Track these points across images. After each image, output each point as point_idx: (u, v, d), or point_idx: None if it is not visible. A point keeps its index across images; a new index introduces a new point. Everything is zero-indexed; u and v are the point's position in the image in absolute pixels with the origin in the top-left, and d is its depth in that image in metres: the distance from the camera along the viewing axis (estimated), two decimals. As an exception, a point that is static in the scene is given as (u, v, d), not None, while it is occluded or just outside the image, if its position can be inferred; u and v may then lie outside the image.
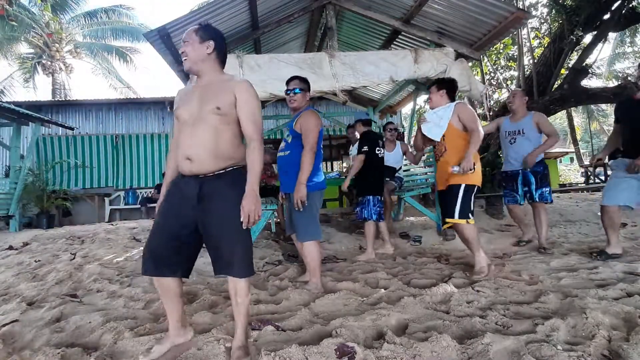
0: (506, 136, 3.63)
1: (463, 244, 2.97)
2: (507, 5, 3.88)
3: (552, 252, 3.42)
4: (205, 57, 1.68)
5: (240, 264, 1.61)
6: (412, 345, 1.52)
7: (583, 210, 5.40)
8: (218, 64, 1.73)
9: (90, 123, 10.05)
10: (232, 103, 1.64)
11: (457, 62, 4.18)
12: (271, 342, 1.70)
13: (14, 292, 2.88)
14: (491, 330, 1.66)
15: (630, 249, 3.37)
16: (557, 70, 7.22)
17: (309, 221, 2.71)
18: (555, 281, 2.45)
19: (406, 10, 4.21)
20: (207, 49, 1.68)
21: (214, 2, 3.55)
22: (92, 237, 5.32)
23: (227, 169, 1.66)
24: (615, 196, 2.95)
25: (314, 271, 2.71)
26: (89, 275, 3.21)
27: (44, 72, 15.44)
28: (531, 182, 3.50)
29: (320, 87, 3.91)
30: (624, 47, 15.76)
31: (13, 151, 6.94)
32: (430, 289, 2.33)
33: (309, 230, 2.71)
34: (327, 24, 4.45)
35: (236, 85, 1.66)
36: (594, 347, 1.47)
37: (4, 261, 4.03)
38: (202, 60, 1.68)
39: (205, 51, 1.68)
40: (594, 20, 6.82)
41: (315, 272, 2.70)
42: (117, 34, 15.94)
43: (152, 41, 3.46)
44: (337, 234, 4.80)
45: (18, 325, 2.04)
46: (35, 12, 14.59)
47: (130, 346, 1.69)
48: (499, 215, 5.34)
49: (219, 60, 1.73)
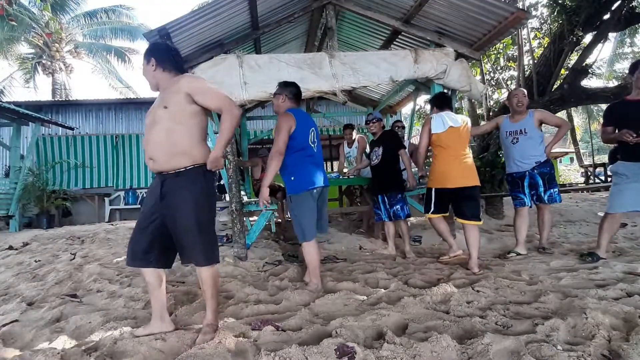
0: (507, 136, 3.57)
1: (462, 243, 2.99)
2: (507, 5, 3.88)
3: (552, 252, 3.42)
4: (153, 72, 1.95)
5: (200, 254, 1.83)
6: (412, 345, 1.52)
7: (583, 210, 5.40)
8: (167, 72, 1.95)
9: (90, 123, 10.06)
10: (181, 101, 1.82)
11: (457, 62, 4.18)
12: (271, 342, 1.70)
13: (14, 292, 2.88)
14: (491, 330, 1.66)
15: (630, 249, 3.37)
16: (557, 71, 7.22)
17: (297, 223, 2.74)
18: (555, 281, 2.45)
19: (406, 10, 4.21)
20: (152, 66, 1.94)
21: (214, 2, 3.55)
22: (92, 237, 5.33)
23: (187, 167, 1.83)
24: (623, 204, 2.90)
25: (313, 272, 2.72)
26: (89, 275, 3.21)
27: (44, 72, 15.45)
28: (539, 184, 3.41)
29: (320, 87, 3.91)
30: (624, 47, 15.76)
31: (13, 151, 6.95)
32: (430, 289, 2.33)
33: (299, 232, 2.74)
34: (327, 24, 4.44)
35: (181, 83, 1.85)
36: (594, 347, 1.47)
37: (4, 261, 4.03)
38: (153, 76, 1.95)
39: (151, 69, 1.94)
40: (594, 20, 6.82)
41: (314, 272, 2.71)
42: (116, 33, 15.95)
43: (152, 41, 3.46)
44: (337, 234, 4.80)
45: (18, 325, 2.04)
46: (35, 12, 14.60)
47: (131, 346, 1.69)
48: (499, 215, 5.34)
49: (167, 68, 1.95)
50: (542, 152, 3.43)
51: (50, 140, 9.48)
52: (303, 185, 2.69)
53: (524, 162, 3.46)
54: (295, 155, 2.70)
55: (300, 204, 2.71)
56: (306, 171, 2.71)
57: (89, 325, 2.03)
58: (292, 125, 2.65)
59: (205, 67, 3.81)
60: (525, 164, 3.45)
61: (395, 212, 3.81)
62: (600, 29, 6.96)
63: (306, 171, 2.71)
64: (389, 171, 3.85)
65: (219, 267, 3.48)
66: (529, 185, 3.46)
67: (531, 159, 3.43)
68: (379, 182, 3.95)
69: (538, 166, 3.41)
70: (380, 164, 3.88)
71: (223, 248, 4.13)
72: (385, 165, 3.85)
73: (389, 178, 3.86)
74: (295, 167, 2.71)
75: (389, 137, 3.95)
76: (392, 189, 3.83)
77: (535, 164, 3.42)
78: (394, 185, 3.83)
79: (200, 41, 3.84)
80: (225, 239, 4.57)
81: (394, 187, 3.82)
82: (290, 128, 2.64)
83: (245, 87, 3.72)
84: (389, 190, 3.84)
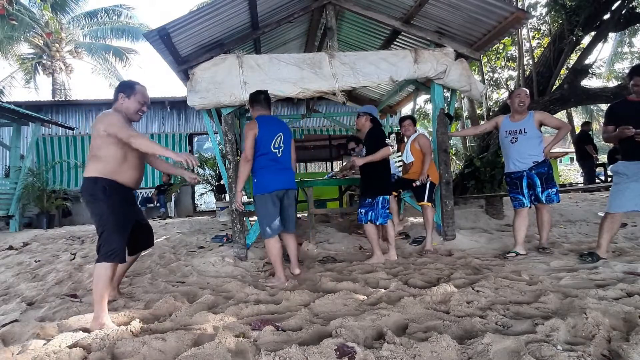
0: (506, 135, 3.56)
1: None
2: (507, 5, 3.88)
3: (552, 252, 3.41)
4: (125, 105, 2.30)
5: (99, 254, 2.11)
6: (412, 345, 1.52)
7: (583, 210, 5.40)
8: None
9: (90, 123, 10.05)
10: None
11: (457, 62, 4.18)
12: (271, 342, 1.70)
13: (14, 292, 2.88)
14: (491, 330, 1.66)
15: (630, 249, 3.37)
16: (557, 71, 7.23)
17: (259, 221, 3.00)
18: (555, 281, 2.45)
19: (406, 10, 4.21)
20: (122, 100, 2.30)
21: (214, 2, 3.54)
22: (92, 237, 5.33)
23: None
24: (623, 204, 2.89)
25: (274, 267, 2.93)
26: (89, 276, 3.21)
27: (44, 72, 15.45)
28: (536, 184, 3.41)
29: (320, 87, 3.91)
30: (624, 47, 15.75)
31: (13, 151, 6.95)
32: (430, 289, 2.33)
33: (261, 229, 2.99)
34: (327, 24, 4.44)
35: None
36: (594, 347, 1.46)
37: (4, 261, 4.04)
38: (126, 108, 2.31)
39: (124, 102, 2.30)
40: (594, 20, 6.83)
41: (275, 267, 2.92)
42: (117, 34, 15.93)
43: (152, 41, 3.46)
44: (337, 234, 4.80)
45: (18, 325, 2.04)
46: (35, 12, 14.60)
47: (131, 346, 1.69)
48: (499, 215, 5.34)
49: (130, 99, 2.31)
50: (541, 152, 3.43)
51: (50, 140, 9.47)
52: (263, 187, 2.94)
53: (522, 162, 3.45)
54: (258, 159, 2.94)
55: (261, 204, 2.95)
56: (267, 175, 2.94)
57: (89, 325, 2.03)
58: (255, 132, 2.89)
59: (205, 67, 3.81)
60: (523, 163, 3.45)
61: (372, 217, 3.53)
62: (600, 29, 6.97)
63: (267, 175, 2.94)
64: (364, 173, 3.61)
65: (219, 266, 3.49)
66: (527, 185, 3.46)
67: (529, 159, 3.42)
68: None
69: (536, 166, 3.41)
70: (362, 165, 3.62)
71: (223, 248, 4.13)
72: (362, 167, 3.60)
73: (362, 180, 3.69)
74: (258, 171, 2.96)
75: (369, 137, 3.62)
76: (362, 193, 3.67)
77: (533, 164, 3.42)
78: (363, 188, 3.66)
79: (200, 41, 3.84)
80: (225, 239, 4.58)
81: (363, 191, 3.65)
82: (253, 135, 2.88)
83: (245, 87, 3.73)
84: (362, 194, 3.70)
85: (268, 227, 2.91)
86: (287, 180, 3.02)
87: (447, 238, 4.16)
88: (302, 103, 9.20)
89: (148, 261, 3.81)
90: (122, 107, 2.31)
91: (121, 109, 2.30)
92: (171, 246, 4.57)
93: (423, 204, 4.01)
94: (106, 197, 2.14)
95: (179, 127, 10.26)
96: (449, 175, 4.27)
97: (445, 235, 4.18)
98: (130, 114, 2.32)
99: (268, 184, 2.93)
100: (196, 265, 3.56)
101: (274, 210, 2.94)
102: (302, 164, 14.22)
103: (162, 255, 4.07)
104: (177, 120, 10.30)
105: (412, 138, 4.15)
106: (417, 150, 4.08)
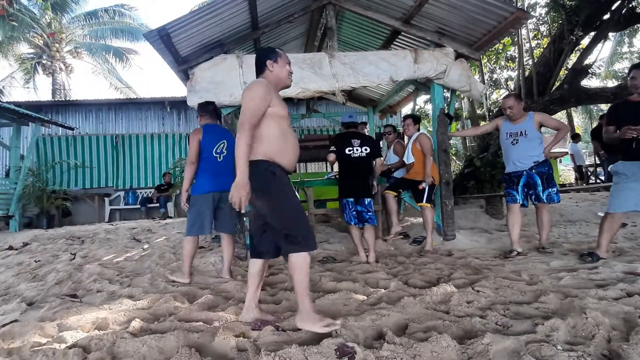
0: (507, 137, 3.58)
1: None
2: (507, 6, 3.88)
3: (552, 252, 3.41)
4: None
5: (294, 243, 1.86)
6: (412, 346, 1.52)
7: (583, 210, 5.39)
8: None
9: (90, 123, 10.05)
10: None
11: (457, 62, 4.18)
12: (271, 342, 1.70)
13: (14, 292, 2.88)
14: (491, 330, 1.66)
15: (630, 249, 3.37)
16: (557, 71, 7.23)
17: (187, 219, 3.12)
18: (555, 281, 2.45)
19: (406, 10, 4.21)
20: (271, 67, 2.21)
21: (214, 2, 3.55)
22: (92, 237, 5.33)
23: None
24: (623, 204, 2.89)
25: (184, 266, 3.06)
26: (89, 276, 3.21)
27: (44, 72, 15.43)
28: (537, 183, 3.43)
29: (320, 87, 3.91)
30: (624, 47, 15.75)
31: (13, 151, 6.94)
32: (430, 289, 2.33)
33: (187, 226, 3.12)
34: (327, 24, 4.45)
35: None
36: (594, 347, 1.46)
37: (4, 261, 4.03)
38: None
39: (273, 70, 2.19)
40: (594, 20, 6.83)
41: (183, 264, 3.07)
42: (117, 34, 15.92)
43: (152, 41, 3.46)
44: (337, 234, 4.80)
45: (18, 325, 2.04)
46: (35, 12, 14.59)
47: (131, 346, 1.69)
48: (499, 215, 5.34)
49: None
50: (541, 153, 3.46)
51: (50, 140, 9.47)
52: (198, 188, 3.11)
53: (522, 163, 3.49)
54: (200, 163, 3.13)
55: (193, 203, 3.11)
56: (203, 177, 3.10)
57: (88, 324, 2.02)
58: (199, 138, 3.11)
59: (205, 67, 3.81)
60: (523, 164, 3.48)
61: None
62: (600, 29, 6.97)
63: (203, 177, 3.10)
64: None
65: (219, 266, 3.49)
66: (527, 185, 3.49)
67: (530, 160, 3.45)
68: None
69: (536, 166, 3.44)
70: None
71: (223, 248, 4.13)
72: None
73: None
74: (197, 173, 3.14)
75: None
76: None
77: (534, 164, 3.44)
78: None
79: (200, 41, 3.84)
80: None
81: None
82: (197, 140, 3.09)
83: (245, 87, 3.72)
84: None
85: (192, 226, 3.06)
86: (223, 183, 2.99)
87: (447, 238, 4.16)
88: (302, 103, 9.19)
89: (148, 261, 3.81)
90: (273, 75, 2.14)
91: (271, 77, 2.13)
92: (171, 246, 4.57)
93: (422, 205, 4.01)
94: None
95: (179, 127, 10.25)
96: (449, 175, 4.28)
97: (445, 235, 4.18)
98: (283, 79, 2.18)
99: (203, 185, 3.09)
100: (196, 265, 3.55)
101: (204, 212, 3.06)
102: (302, 164, 14.20)
103: (162, 255, 4.07)
104: (177, 120, 10.30)
105: (413, 138, 4.15)
106: (418, 151, 4.07)
